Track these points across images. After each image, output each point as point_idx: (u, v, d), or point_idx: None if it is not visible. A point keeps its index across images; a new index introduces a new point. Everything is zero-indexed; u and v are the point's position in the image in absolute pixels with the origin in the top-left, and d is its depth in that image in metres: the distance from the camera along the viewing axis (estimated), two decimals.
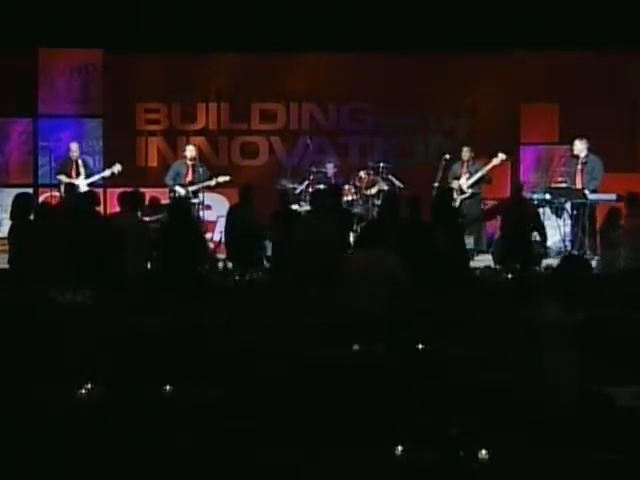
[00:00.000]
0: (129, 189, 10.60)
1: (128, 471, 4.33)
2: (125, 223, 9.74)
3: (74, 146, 13.66)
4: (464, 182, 13.14)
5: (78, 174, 13.44)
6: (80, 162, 13.57)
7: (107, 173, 13.60)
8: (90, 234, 9.37)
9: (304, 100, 15.00)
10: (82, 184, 13.29)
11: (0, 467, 4.37)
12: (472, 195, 13.14)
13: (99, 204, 10.61)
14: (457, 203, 12.77)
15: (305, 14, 13.80)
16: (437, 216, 9.83)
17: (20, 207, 9.31)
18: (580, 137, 12.74)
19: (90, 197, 10.33)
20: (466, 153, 13.31)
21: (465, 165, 13.30)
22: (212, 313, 7.23)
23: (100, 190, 13.84)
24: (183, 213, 9.96)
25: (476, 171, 13.17)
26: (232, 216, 11.27)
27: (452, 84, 14.62)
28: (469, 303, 7.73)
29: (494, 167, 13.18)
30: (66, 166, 13.52)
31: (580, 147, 12.69)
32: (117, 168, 13.59)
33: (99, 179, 13.58)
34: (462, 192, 13.07)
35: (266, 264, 10.73)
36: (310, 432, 4.66)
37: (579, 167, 12.62)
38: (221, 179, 13.06)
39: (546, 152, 14.64)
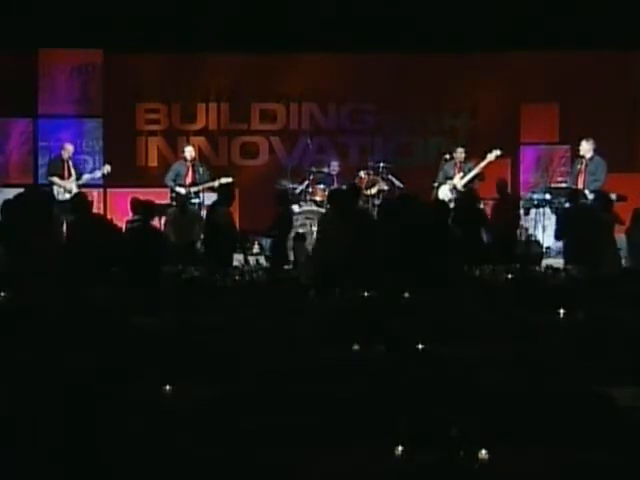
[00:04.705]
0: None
1: (128, 471, 4.33)
2: None
3: (69, 146, 13.52)
4: (458, 181, 13.13)
5: (70, 175, 13.34)
6: (71, 163, 13.46)
7: (97, 174, 13.55)
8: (90, 234, 9.38)
9: (304, 100, 15.00)
10: (73, 186, 13.19)
11: None
12: None
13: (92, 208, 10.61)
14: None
15: (305, 14, 13.80)
16: (459, 217, 9.99)
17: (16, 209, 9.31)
18: (587, 138, 12.71)
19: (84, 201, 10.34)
20: (460, 154, 13.30)
21: (459, 165, 13.30)
22: (212, 313, 7.23)
23: (100, 190, 13.92)
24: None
25: (470, 170, 13.17)
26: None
27: (452, 84, 14.62)
28: (469, 303, 7.73)
29: (489, 163, 13.16)
30: (58, 167, 13.38)
31: (586, 147, 12.63)
32: (107, 169, 13.54)
33: (89, 180, 13.47)
34: (457, 191, 13.07)
35: (265, 263, 10.71)
36: (310, 432, 4.66)
37: (582, 167, 12.58)
38: (224, 180, 13.01)
39: (546, 152, 14.64)
